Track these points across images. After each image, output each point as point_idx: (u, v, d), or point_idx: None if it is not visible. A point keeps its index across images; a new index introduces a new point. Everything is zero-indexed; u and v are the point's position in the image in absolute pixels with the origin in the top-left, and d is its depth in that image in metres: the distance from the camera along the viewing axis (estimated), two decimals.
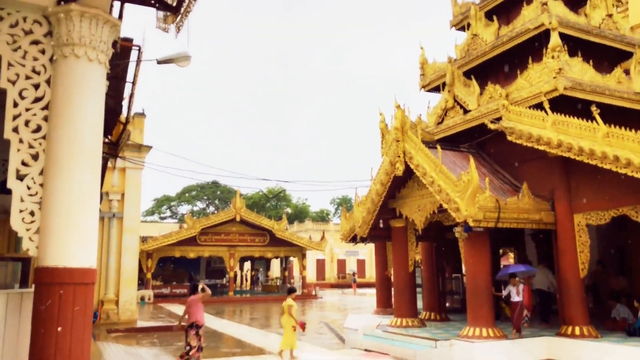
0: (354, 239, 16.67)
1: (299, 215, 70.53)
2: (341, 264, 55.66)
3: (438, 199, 11.89)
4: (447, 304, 18.00)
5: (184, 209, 69.84)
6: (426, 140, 13.97)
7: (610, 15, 14.59)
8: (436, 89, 16.96)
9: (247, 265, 47.73)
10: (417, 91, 18.53)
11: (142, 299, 29.92)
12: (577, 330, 11.24)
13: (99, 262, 19.10)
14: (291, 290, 12.40)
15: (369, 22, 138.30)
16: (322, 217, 74.11)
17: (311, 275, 51.51)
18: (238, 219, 33.52)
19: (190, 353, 10.10)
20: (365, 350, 12.60)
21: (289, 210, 68.98)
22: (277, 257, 38.78)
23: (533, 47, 13.75)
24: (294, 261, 41.15)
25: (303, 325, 11.76)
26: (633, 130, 10.21)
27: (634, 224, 11.98)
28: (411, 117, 15.82)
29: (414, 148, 12.77)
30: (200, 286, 10.77)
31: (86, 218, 5.25)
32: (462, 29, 17.05)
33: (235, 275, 38.16)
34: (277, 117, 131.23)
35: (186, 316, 10.42)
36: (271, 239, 34.87)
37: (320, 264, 54.27)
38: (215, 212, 50.91)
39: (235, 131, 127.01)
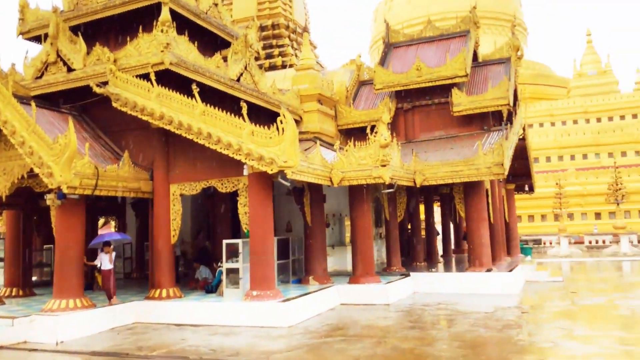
0: None
1: None
2: None
3: (29, 162, 10.63)
4: (37, 278, 16.47)
5: None
6: (20, 95, 12.35)
7: (216, 5, 15.98)
8: (38, 39, 15.09)
9: None
10: (16, 37, 16.02)
11: None
12: (164, 293, 12.04)
13: None
14: None
15: None
16: None
17: None
18: None
19: None
20: None
21: None
22: None
23: (145, 17, 13.76)
24: None
25: None
26: (226, 112, 11.51)
27: (220, 195, 13.61)
28: (4, 66, 13.59)
29: (2, 101, 11.00)
30: None
31: None
32: None
33: None
34: None
35: None
36: None
37: None
38: None
39: None
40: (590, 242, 36.80)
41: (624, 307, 12.47)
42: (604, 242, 35.98)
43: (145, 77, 12.26)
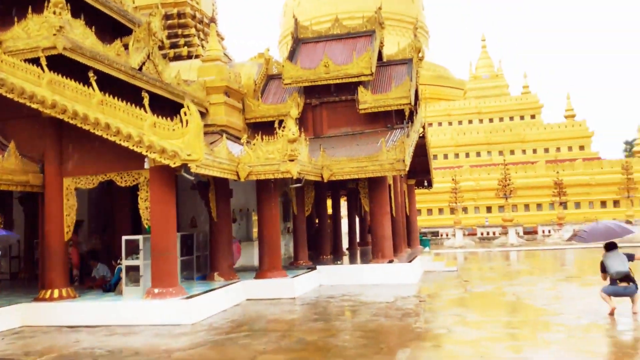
0: None
1: None
2: None
3: None
4: None
5: None
6: None
7: None
8: None
9: None
10: None
11: None
12: (56, 293, 11.24)
13: None
14: None
15: None
16: None
17: None
18: None
19: None
20: None
21: None
22: None
23: None
24: None
25: None
26: (126, 102, 10.94)
27: (118, 189, 12.96)
28: None
29: None
30: None
31: None
32: None
33: None
34: None
35: None
36: None
37: None
38: None
39: None
40: (482, 234, 39.50)
41: (510, 293, 13.52)
42: (494, 233, 38.76)
43: (35, 62, 11.36)
